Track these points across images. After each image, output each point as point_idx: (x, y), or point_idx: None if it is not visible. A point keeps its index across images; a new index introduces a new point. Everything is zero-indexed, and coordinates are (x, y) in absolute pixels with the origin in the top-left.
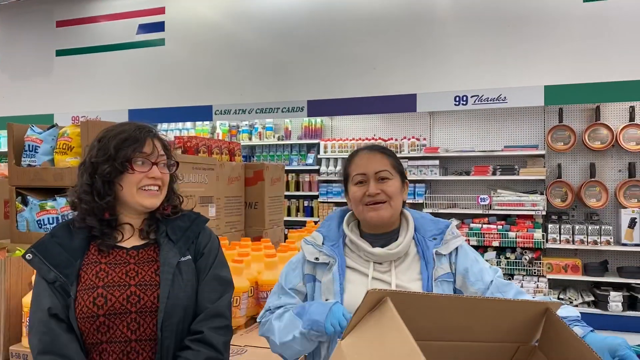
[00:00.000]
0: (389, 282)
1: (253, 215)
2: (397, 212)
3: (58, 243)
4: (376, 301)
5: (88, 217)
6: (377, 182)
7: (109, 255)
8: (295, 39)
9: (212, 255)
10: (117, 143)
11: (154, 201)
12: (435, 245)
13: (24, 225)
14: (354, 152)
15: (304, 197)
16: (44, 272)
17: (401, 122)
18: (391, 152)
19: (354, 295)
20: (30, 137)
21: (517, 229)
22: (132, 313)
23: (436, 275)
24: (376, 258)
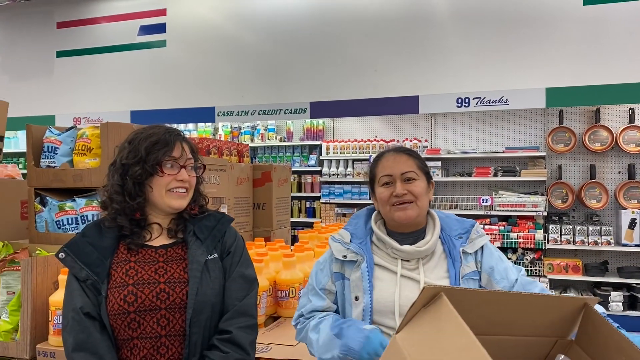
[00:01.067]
0: (417, 280)
1: (261, 216)
2: (423, 212)
3: (89, 242)
4: (431, 297)
5: (119, 217)
6: (403, 183)
7: (138, 253)
8: (298, 40)
9: (237, 253)
10: (148, 146)
11: (182, 202)
12: (462, 244)
13: (43, 225)
14: (380, 154)
15: (306, 198)
16: (76, 271)
17: (403, 123)
18: (416, 153)
19: (384, 292)
20: (49, 138)
21: (519, 230)
22: (161, 309)
23: (463, 273)
24: (404, 255)
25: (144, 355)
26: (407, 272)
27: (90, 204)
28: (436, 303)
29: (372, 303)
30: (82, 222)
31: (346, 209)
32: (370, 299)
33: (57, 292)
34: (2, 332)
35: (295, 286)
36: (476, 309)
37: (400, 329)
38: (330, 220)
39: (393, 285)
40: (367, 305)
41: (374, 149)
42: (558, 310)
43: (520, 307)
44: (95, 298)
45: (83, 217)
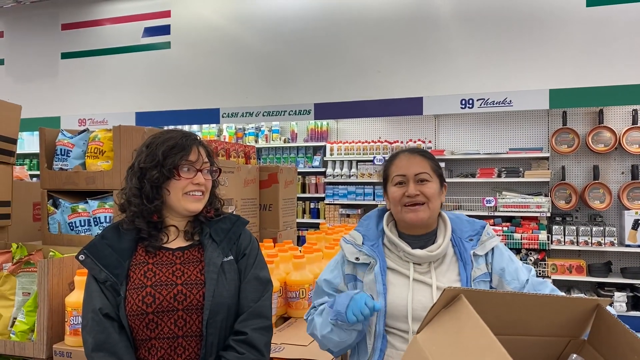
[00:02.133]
0: (429, 284)
1: (267, 217)
2: (435, 214)
3: (108, 244)
4: (451, 298)
5: (137, 219)
6: (416, 184)
7: (155, 255)
8: (302, 42)
9: (252, 255)
10: (165, 150)
11: (198, 205)
12: (473, 247)
13: (56, 227)
14: (395, 154)
15: (311, 199)
16: (96, 272)
17: (407, 124)
18: (431, 155)
19: (397, 296)
20: (62, 141)
21: (522, 231)
22: (179, 310)
23: (474, 276)
24: (416, 259)
25: (161, 355)
26: (419, 276)
27: (103, 206)
28: (456, 304)
29: (386, 306)
30: (94, 224)
31: (350, 210)
32: (385, 302)
33: (72, 293)
34: (19, 332)
35: (305, 287)
36: (493, 309)
37: (421, 329)
38: (334, 221)
39: (406, 289)
40: (381, 308)
41: (377, 150)
42: (571, 310)
43: (535, 308)
44: (114, 299)
45: (95, 219)
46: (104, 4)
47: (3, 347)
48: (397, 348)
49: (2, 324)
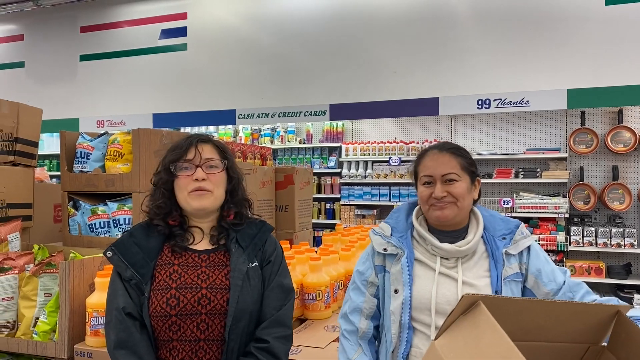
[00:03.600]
0: (455, 278)
1: (283, 218)
2: (463, 212)
3: (135, 243)
4: (470, 304)
5: (156, 219)
6: (443, 184)
7: (181, 257)
8: (317, 42)
9: (277, 262)
10: (167, 153)
11: (202, 202)
12: (505, 245)
13: (76, 229)
14: (424, 152)
15: (326, 200)
16: (122, 270)
17: (423, 125)
18: (461, 151)
19: (422, 287)
20: (82, 144)
21: (540, 232)
22: (202, 314)
23: (505, 275)
24: (443, 253)
25: (182, 358)
26: (445, 270)
27: (122, 208)
28: (474, 310)
29: (411, 297)
30: (114, 226)
31: (366, 211)
32: (410, 292)
33: (93, 294)
34: (41, 332)
35: (321, 289)
36: (511, 316)
37: (439, 335)
38: (350, 222)
39: (430, 282)
40: (406, 298)
41: (393, 150)
42: (591, 317)
43: (554, 314)
44: (138, 298)
45: (115, 220)
46: (121, 7)
47: (26, 347)
48: (422, 340)
49: (24, 324)
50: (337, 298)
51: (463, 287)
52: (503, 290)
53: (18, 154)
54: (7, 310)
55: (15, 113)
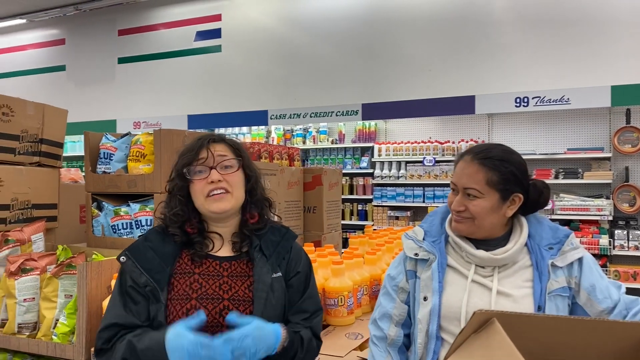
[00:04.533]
0: (489, 287)
1: (312, 220)
2: (484, 229)
3: (151, 247)
4: (482, 322)
5: (172, 228)
6: (463, 197)
7: (201, 265)
8: (349, 42)
9: (305, 274)
10: (179, 157)
11: (221, 205)
12: (552, 256)
13: (99, 230)
14: (462, 153)
15: (358, 201)
16: (136, 276)
17: (458, 124)
18: (497, 163)
19: (452, 296)
20: (105, 145)
21: (582, 235)
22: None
23: (550, 288)
24: (478, 261)
25: None
26: (479, 279)
27: (144, 209)
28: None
29: (440, 305)
30: (136, 227)
31: (399, 212)
32: (439, 301)
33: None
34: (60, 334)
35: (344, 294)
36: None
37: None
38: (383, 223)
39: (462, 291)
40: (435, 306)
41: (427, 150)
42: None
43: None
44: (147, 306)
45: (137, 222)
46: (158, 9)
47: (45, 349)
48: None
49: (45, 325)
50: (360, 304)
51: (498, 298)
52: (547, 305)
53: (43, 155)
54: (29, 311)
55: (40, 114)
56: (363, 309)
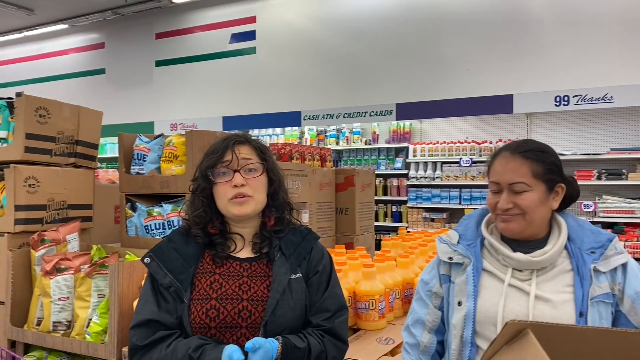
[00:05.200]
0: (527, 292)
1: (344, 221)
2: (535, 226)
3: (174, 248)
4: (515, 333)
5: (195, 229)
6: (510, 194)
7: (223, 265)
8: (383, 41)
9: (326, 272)
10: (204, 158)
11: (243, 209)
12: (594, 260)
13: (133, 230)
14: (496, 152)
15: (392, 202)
16: (160, 277)
17: (496, 124)
18: (539, 154)
19: (488, 301)
20: (139, 146)
21: (626, 238)
22: (242, 328)
23: (593, 294)
24: (515, 264)
25: None
26: (516, 282)
27: (176, 210)
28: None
29: (474, 310)
30: (168, 227)
31: (434, 214)
32: (474, 305)
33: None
34: (93, 333)
35: (375, 298)
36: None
37: None
38: (417, 225)
39: (498, 295)
40: (469, 311)
41: (464, 151)
42: None
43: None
44: (175, 307)
45: (169, 222)
46: (194, 12)
47: (78, 347)
48: None
49: (79, 324)
50: (393, 308)
51: (536, 303)
52: (589, 311)
53: (79, 156)
54: (63, 310)
55: (76, 116)
56: (395, 313)
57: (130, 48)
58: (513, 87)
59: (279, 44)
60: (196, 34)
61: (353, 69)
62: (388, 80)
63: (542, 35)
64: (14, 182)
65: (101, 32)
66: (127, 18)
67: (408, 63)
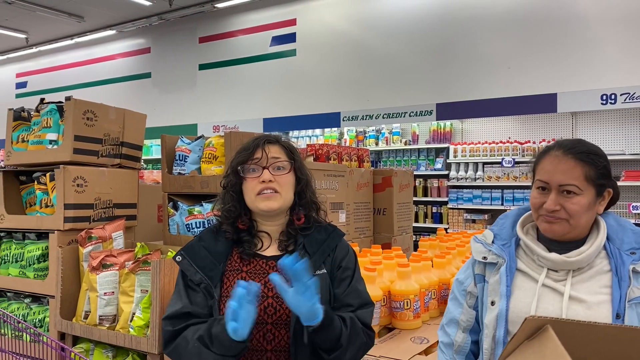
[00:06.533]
0: (561, 292)
1: (381, 222)
2: (578, 230)
3: (204, 246)
4: (535, 329)
5: (225, 224)
6: (559, 195)
7: (250, 263)
8: (423, 41)
9: (350, 268)
10: (235, 155)
11: (269, 204)
12: (634, 261)
13: (175, 228)
14: (547, 149)
15: (432, 203)
16: (192, 274)
17: (539, 123)
18: (593, 157)
19: (520, 301)
20: (180, 147)
21: None
22: (268, 324)
23: (631, 296)
24: (550, 264)
25: None
26: (551, 283)
27: (215, 209)
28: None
29: (507, 310)
30: (209, 226)
31: (476, 215)
32: (507, 305)
33: None
34: (136, 327)
35: (410, 297)
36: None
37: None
38: (458, 227)
39: (531, 295)
40: (502, 311)
41: (506, 151)
42: None
43: None
44: (206, 301)
45: (209, 221)
46: (236, 16)
47: (122, 340)
48: None
49: (123, 318)
50: (428, 308)
51: (570, 303)
52: (627, 313)
53: (124, 157)
54: (108, 305)
55: (121, 119)
56: (431, 313)
57: (175, 52)
58: (557, 85)
59: (319, 46)
60: (238, 37)
61: (392, 69)
62: (428, 80)
63: (587, 32)
64: (64, 182)
65: (147, 37)
66: (172, 23)
67: (448, 62)
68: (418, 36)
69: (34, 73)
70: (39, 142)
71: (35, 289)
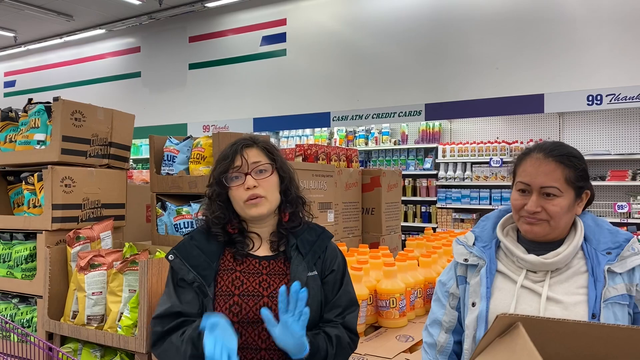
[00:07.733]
0: (539, 293)
1: (370, 221)
2: (558, 231)
3: (197, 246)
4: (506, 326)
5: (215, 228)
6: (539, 197)
7: (243, 263)
8: (412, 42)
9: (340, 271)
10: (216, 164)
11: (258, 210)
12: (609, 262)
13: (163, 228)
14: (527, 151)
15: (421, 203)
16: (184, 273)
17: (527, 123)
18: (573, 160)
19: (500, 302)
20: (169, 147)
21: None
22: (262, 323)
23: (607, 295)
24: (529, 266)
25: None
26: (529, 284)
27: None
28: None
29: (487, 311)
30: (197, 226)
31: (464, 214)
32: (487, 306)
33: None
34: (124, 326)
35: (396, 296)
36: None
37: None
38: (447, 226)
39: (511, 296)
40: (482, 312)
41: (494, 151)
42: None
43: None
44: (198, 300)
45: (198, 221)
46: (226, 16)
47: (110, 340)
48: None
49: (111, 318)
50: (414, 307)
51: (547, 304)
52: (603, 313)
53: (112, 157)
54: (97, 304)
55: (109, 119)
56: (417, 312)
57: (165, 52)
58: (544, 86)
59: (309, 46)
60: (228, 37)
61: (382, 69)
62: (417, 81)
63: (574, 34)
64: (52, 182)
65: (137, 37)
66: (162, 22)
67: (437, 63)
68: (407, 37)
69: (23, 72)
70: (27, 142)
71: (23, 289)
